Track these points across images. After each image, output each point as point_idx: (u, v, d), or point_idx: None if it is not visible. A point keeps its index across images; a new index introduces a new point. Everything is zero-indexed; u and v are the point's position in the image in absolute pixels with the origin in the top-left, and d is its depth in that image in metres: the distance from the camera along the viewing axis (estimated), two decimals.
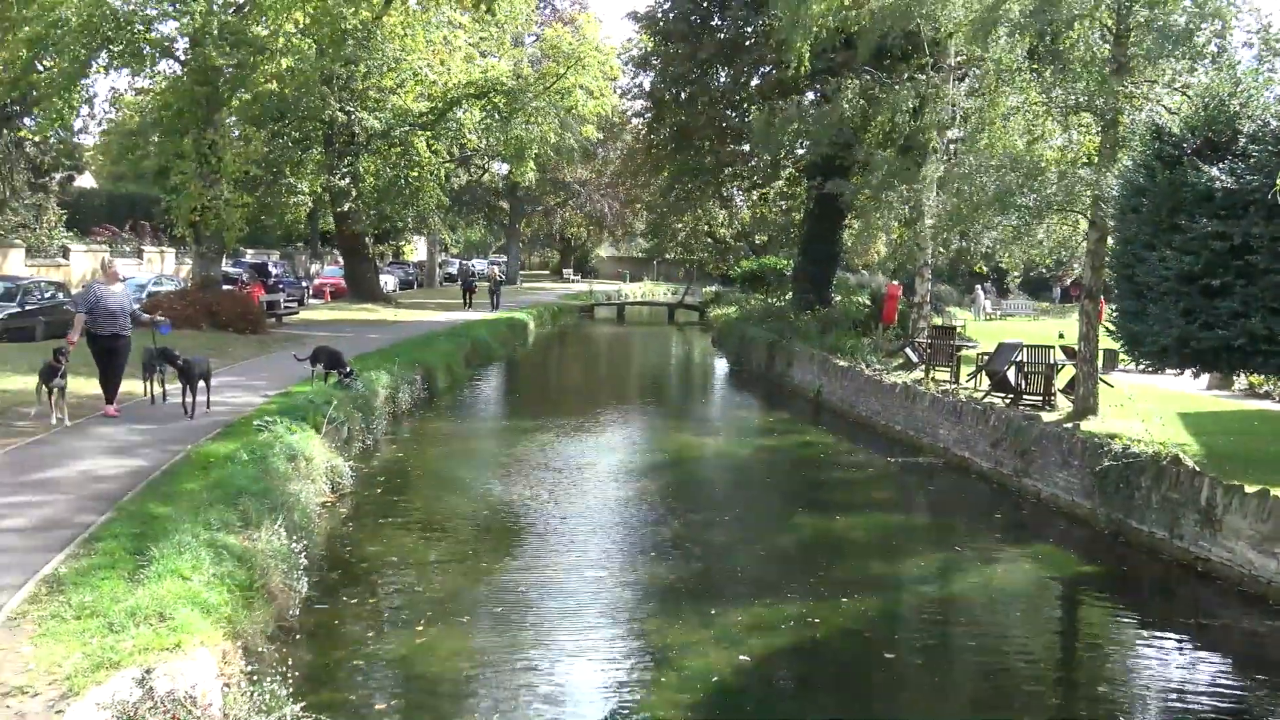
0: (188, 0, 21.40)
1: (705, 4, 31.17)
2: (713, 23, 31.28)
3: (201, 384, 13.22)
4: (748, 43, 31.01)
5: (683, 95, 32.99)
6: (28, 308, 22.29)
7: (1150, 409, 14.06)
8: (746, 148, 33.76)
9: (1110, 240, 13.27)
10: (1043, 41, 15.22)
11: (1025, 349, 16.59)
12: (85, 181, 49.82)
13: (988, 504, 13.78)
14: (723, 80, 32.84)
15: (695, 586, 9.64)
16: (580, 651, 7.99)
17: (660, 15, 32.51)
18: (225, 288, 26.29)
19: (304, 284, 39.31)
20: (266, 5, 24.25)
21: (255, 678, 6.16)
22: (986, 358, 17.54)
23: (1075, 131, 15.90)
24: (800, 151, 27.46)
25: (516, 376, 28.39)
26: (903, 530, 12.45)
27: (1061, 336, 19.75)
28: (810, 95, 29.96)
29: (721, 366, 31.92)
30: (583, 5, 54.39)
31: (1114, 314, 12.24)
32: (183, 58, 24.42)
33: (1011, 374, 16.13)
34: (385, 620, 8.48)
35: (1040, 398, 15.40)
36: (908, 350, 20.77)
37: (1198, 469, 10.83)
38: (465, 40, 34.49)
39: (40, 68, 23.86)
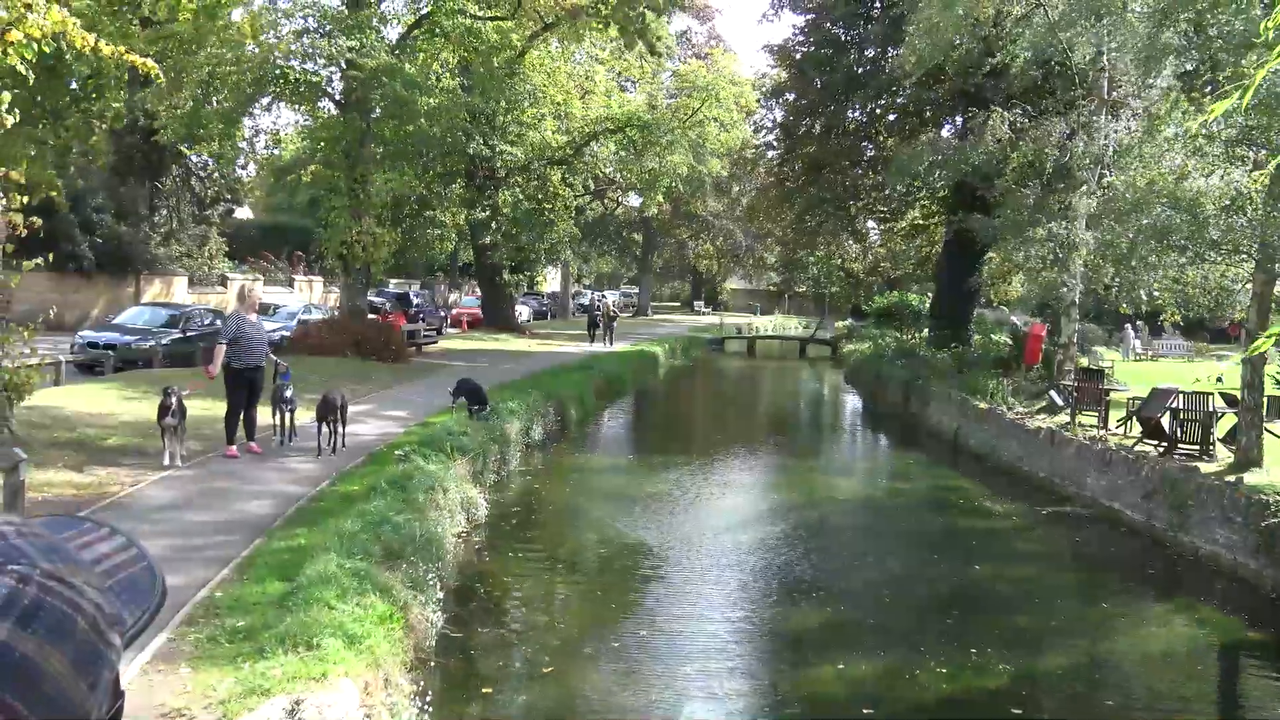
0: (350, 35, 22.36)
1: (841, 35, 30.98)
2: (849, 53, 31.03)
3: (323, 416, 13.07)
4: (884, 74, 30.67)
5: (815, 127, 32.83)
6: (189, 334, 23.63)
7: None
8: (879, 179, 33.34)
9: None
10: (1203, 69, 14.56)
11: (1181, 395, 15.74)
12: (243, 213, 52.64)
13: (1139, 559, 13.07)
14: (856, 111, 32.55)
15: (824, 635, 9.44)
16: (704, 697, 7.90)
17: (794, 46, 32.42)
18: (369, 317, 27.24)
19: (443, 314, 40.45)
20: (418, 46, 25.31)
21: (395, 710, 6.29)
22: (1138, 403, 16.70)
23: (1239, 167, 15.10)
24: (937, 184, 26.83)
25: (647, 410, 28.52)
26: (1046, 584, 11.91)
27: (1220, 381, 18.67)
28: (948, 127, 29.44)
29: (854, 404, 31.37)
30: (718, 39, 54.72)
31: None
32: (338, 97, 25.65)
33: (1166, 421, 15.31)
34: (516, 655, 8.57)
35: (1197, 447, 14.54)
36: (1052, 393, 19.95)
37: None
38: (605, 75, 35.20)
39: (208, 106, 25.34)
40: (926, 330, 31.80)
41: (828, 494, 16.72)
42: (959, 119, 28.29)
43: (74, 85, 13.01)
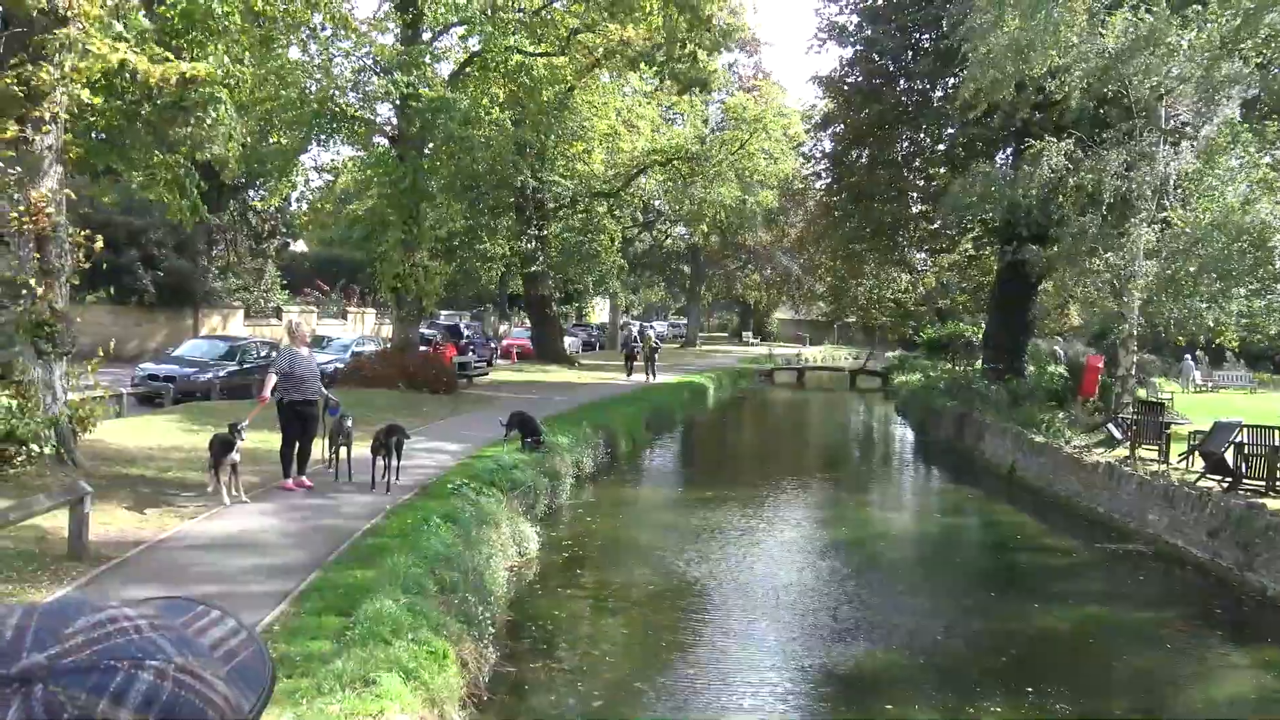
0: (405, 72, 22.75)
1: (889, 67, 30.93)
2: (897, 85, 30.95)
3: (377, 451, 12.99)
4: (934, 104, 30.56)
5: (863, 157, 32.76)
6: (245, 365, 24.04)
7: None
8: (928, 210, 33.17)
9: None
10: (1267, 98, 14.31)
11: (1245, 428, 15.33)
12: (298, 246, 53.59)
13: (1205, 599, 12.71)
14: (904, 142, 32.44)
15: (877, 675, 9.28)
16: None
17: (841, 78, 32.41)
18: (421, 349, 27.49)
19: (493, 345, 40.74)
20: (469, 81, 25.71)
21: None
22: (1200, 437, 16.31)
23: None
24: (989, 215, 26.54)
25: (696, 442, 28.42)
26: (1108, 624, 11.61)
27: None
28: (999, 157, 29.18)
29: (906, 436, 31.01)
30: (765, 72, 54.94)
31: None
32: (392, 132, 26.10)
33: (1230, 455, 14.92)
34: (567, 691, 8.52)
35: (1263, 483, 14.15)
36: (1110, 426, 19.56)
37: None
38: (652, 108, 35.47)
39: (265, 143, 25.89)
40: (979, 361, 31.42)
41: (880, 529, 16.50)
42: (1010, 150, 28.08)
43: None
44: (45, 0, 10.49)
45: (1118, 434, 19.01)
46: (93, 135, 12.51)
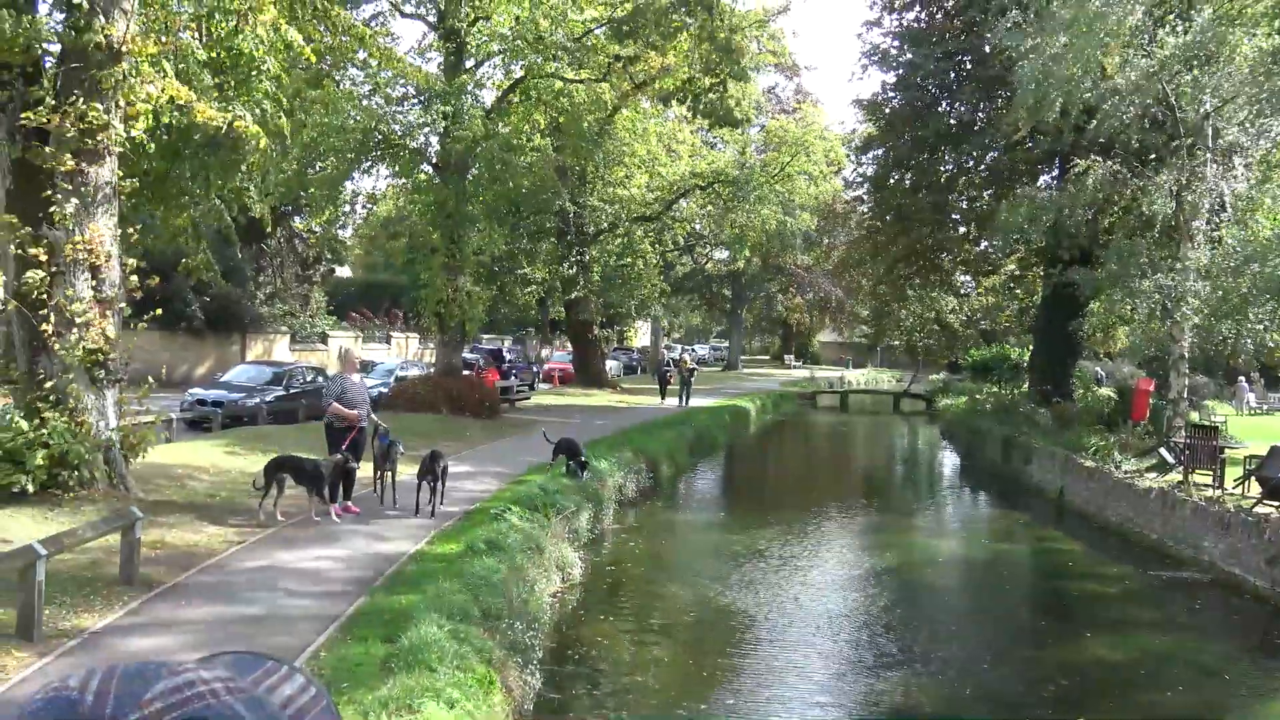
0: (447, 102, 23.05)
1: (933, 89, 30.80)
2: (939, 107, 30.79)
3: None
4: (977, 126, 30.35)
5: (905, 180, 32.60)
6: (291, 390, 24.33)
7: None
8: (970, 232, 32.91)
9: None
10: None
11: None
12: (342, 271, 54.36)
13: (1264, 628, 12.38)
14: (949, 165, 32.23)
15: (924, 706, 9.11)
16: None
17: (884, 101, 32.31)
18: (464, 373, 27.65)
19: (535, 369, 40.89)
20: (511, 110, 26.00)
21: None
22: (1256, 461, 15.93)
23: None
24: (1034, 237, 26.20)
25: (739, 467, 28.28)
26: (1164, 654, 11.33)
27: None
28: (1044, 179, 28.91)
29: (951, 461, 30.65)
30: (806, 95, 54.93)
31: None
32: (435, 160, 26.44)
33: None
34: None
35: None
36: (1162, 450, 19.17)
37: None
38: (692, 132, 35.60)
39: (311, 171, 26.30)
40: (1025, 384, 31.02)
41: (926, 555, 16.28)
42: (1055, 172, 27.81)
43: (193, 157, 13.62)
44: (103, 35, 10.75)
45: (1170, 458, 18.63)
46: (144, 170, 12.80)
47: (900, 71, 31.24)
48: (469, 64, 25.53)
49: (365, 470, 13.26)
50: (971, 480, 26.52)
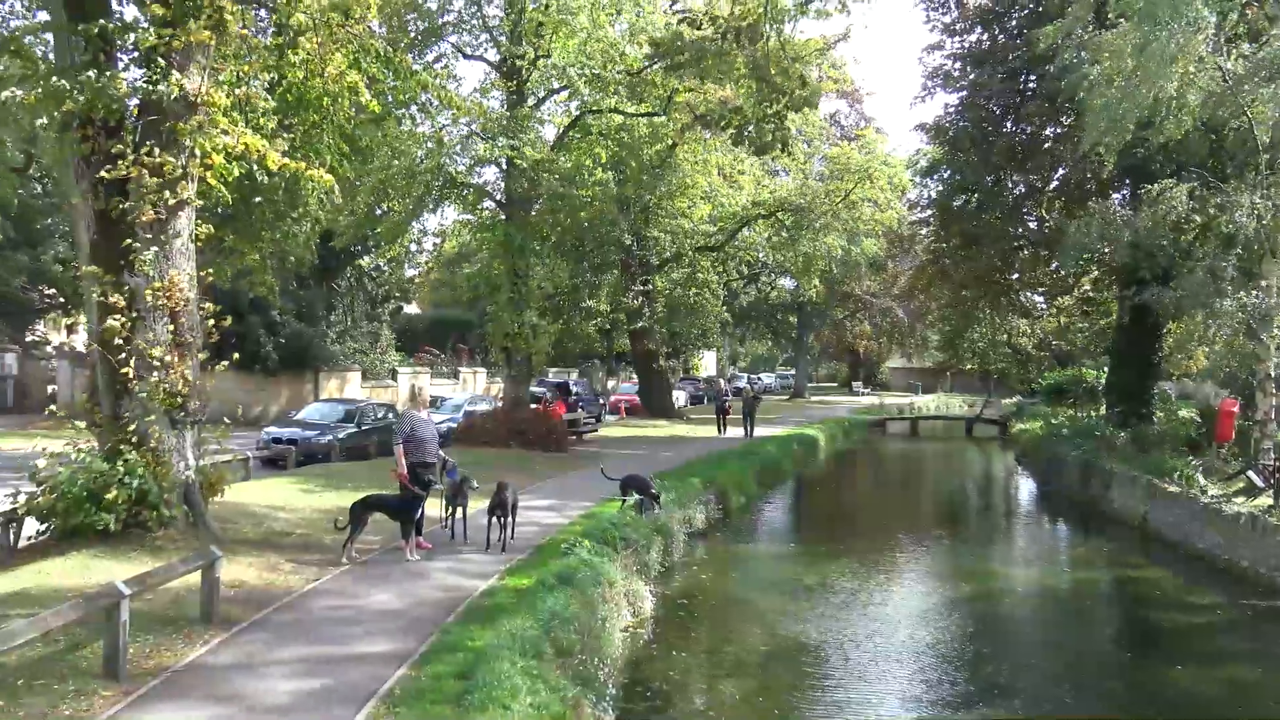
0: (511, 138, 23.38)
1: (997, 111, 30.42)
2: (1004, 128, 30.39)
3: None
4: (1044, 146, 29.88)
5: (971, 202, 32.18)
6: (363, 427, 24.70)
7: None
8: (1040, 253, 32.34)
9: None
10: None
11: None
12: (410, 308, 55.23)
13: None
14: (1017, 186, 31.76)
15: None
16: None
17: (948, 124, 31.99)
18: (531, 406, 27.80)
19: (601, 401, 40.97)
20: (573, 145, 26.28)
21: None
22: None
23: None
24: (1108, 255, 25.59)
25: (808, 497, 27.94)
26: (1260, 687, 10.87)
27: None
28: (1117, 198, 28.31)
29: (1027, 487, 29.94)
30: (869, 120, 54.65)
31: None
32: (499, 196, 26.81)
33: None
34: None
35: None
36: (1250, 474, 18.50)
37: None
38: (754, 162, 35.55)
39: (379, 211, 26.81)
40: (1103, 407, 30.22)
41: (1004, 585, 15.87)
42: (1125, 189, 27.23)
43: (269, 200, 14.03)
44: (179, 89, 11.12)
45: (1259, 481, 17.97)
46: (217, 212, 13.19)
47: (964, 93, 30.95)
48: (530, 101, 25.89)
49: (434, 506, 13.39)
50: (1049, 507, 25.85)
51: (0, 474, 15.03)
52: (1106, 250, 23.34)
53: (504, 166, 25.49)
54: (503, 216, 26.33)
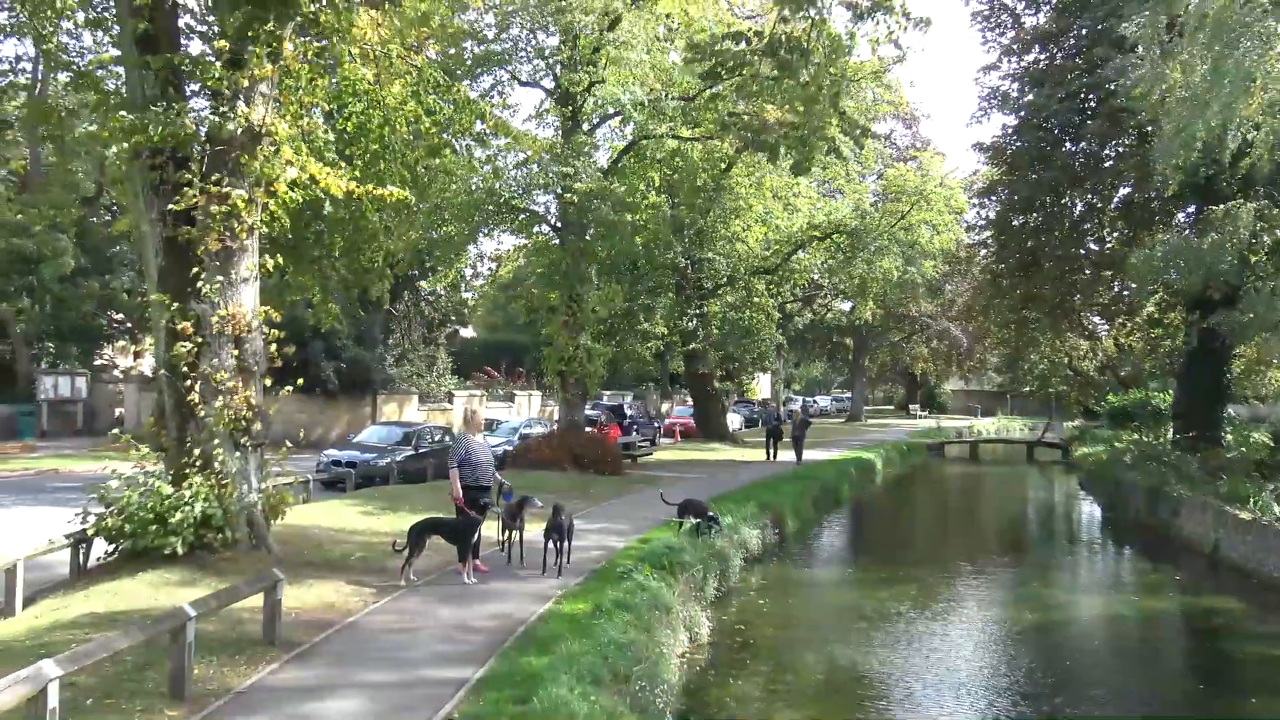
0: (565, 163, 23.58)
1: (1056, 129, 29.99)
2: (1064, 147, 29.93)
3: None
4: (1106, 164, 29.36)
5: (1029, 223, 31.69)
6: (420, 450, 24.96)
7: None
8: (1101, 274, 31.74)
9: None
10: None
11: None
12: (466, 332, 55.82)
13: None
14: (1077, 206, 31.23)
15: None
16: None
17: (1006, 144, 31.61)
18: (586, 429, 27.87)
19: (656, 424, 40.96)
20: (627, 170, 26.42)
21: None
22: None
23: None
24: (1174, 279, 24.99)
25: (865, 522, 27.61)
26: None
27: None
28: (1181, 217, 27.75)
29: (1091, 513, 29.27)
30: (925, 142, 54.22)
31: None
32: (554, 221, 27.02)
33: None
34: None
35: None
36: None
37: None
38: (809, 183, 35.49)
39: (435, 235, 27.13)
40: (1169, 431, 29.49)
41: (1070, 614, 15.51)
42: (1190, 209, 26.65)
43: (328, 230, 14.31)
44: (245, 120, 11.41)
45: None
46: (280, 241, 13.46)
47: (1022, 113, 30.57)
48: (585, 127, 26.10)
49: (491, 528, 13.45)
50: (1114, 534, 25.24)
51: (71, 495, 15.42)
52: (1175, 274, 22.79)
53: (559, 191, 25.73)
54: (556, 241, 26.53)
